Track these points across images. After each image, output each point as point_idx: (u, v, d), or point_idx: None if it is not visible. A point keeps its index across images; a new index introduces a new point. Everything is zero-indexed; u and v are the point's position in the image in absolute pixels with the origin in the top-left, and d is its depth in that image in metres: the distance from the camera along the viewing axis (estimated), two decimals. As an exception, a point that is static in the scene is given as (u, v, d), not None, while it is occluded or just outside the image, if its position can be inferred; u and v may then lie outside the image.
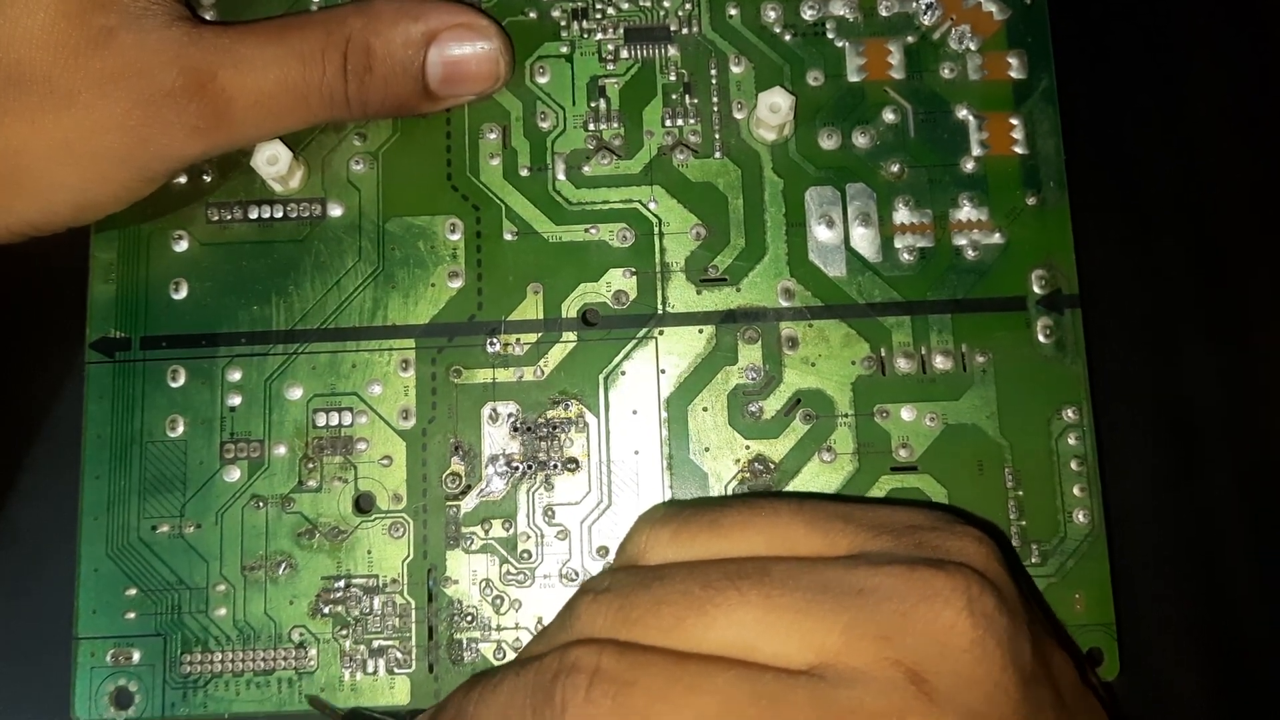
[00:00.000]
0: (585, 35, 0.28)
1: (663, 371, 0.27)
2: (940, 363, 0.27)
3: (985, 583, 0.19)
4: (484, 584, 0.26)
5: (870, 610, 0.19)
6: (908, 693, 0.18)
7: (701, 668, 0.19)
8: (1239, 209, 0.28)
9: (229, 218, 0.27)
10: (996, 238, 0.27)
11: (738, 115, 0.27)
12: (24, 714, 0.26)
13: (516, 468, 0.26)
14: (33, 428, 0.27)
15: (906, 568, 0.19)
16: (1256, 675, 0.26)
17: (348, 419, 0.26)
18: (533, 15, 0.28)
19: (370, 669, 0.25)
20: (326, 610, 0.26)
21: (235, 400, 0.26)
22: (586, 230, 0.27)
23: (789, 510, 0.21)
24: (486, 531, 0.26)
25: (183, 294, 0.27)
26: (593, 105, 0.28)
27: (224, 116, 0.25)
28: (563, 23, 0.28)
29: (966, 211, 0.27)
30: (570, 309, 0.27)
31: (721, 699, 0.18)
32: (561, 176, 0.27)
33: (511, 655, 0.25)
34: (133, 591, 0.25)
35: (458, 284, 0.27)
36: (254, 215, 0.27)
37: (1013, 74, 0.28)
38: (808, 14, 0.28)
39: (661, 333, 0.27)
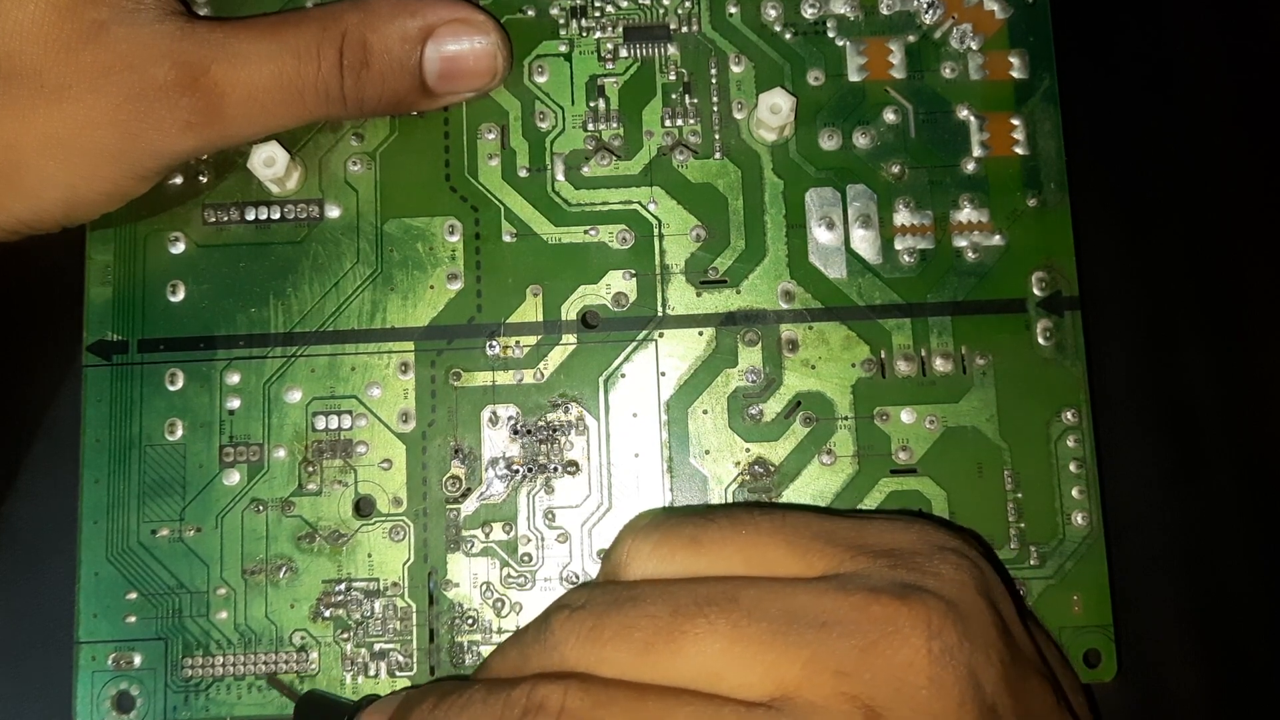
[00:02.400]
0: (584, 34, 0.28)
1: (663, 374, 0.27)
2: (940, 365, 0.26)
3: (950, 613, 0.19)
4: (485, 587, 0.26)
5: (831, 644, 0.19)
6: None
7: (662, 705, 0.19)
8: (1239, 211, 0.28)
9: (225, 219, 0.27)
10: (997, 239, 0.27)
11: (738, 115, 0.27)
12: (26, 718, 0.26)
13: (517, 471, 0.26)
14: (31, 431, 0.27)
15: (871, 598, 0.20)
16: (1254, 677, 0.27)
17: (347, 422, 0.26)
18: (531, 13, 0.28)
19: (372, 672, 0.25)
20: (327, 614, 0.26)
21: (234, 403, 0.26)
22: (586, 232, 0.27)
23: (770, 528, 0.21)
24: (487, 535, 0.26)
25: (180, 296, 0.27)
26: (592, 105, 0.27)
27: (217, 112, 0.24)
28: (561, 21, 0.28)
29: (967, 213, 0.27)
30: (570, 311, 0.27)
31: None
32: (560, 177, 0.27)
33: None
34: (133, 595, 0.25)
35: (457, 286, 0.27)
36: (250, 217, 0.27)
37: (1014, 74, 0.27)
38: (808, 12, 0.28)
39: (661, 335, 0.27)
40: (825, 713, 0.19)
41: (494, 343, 0.26)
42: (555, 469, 0.26)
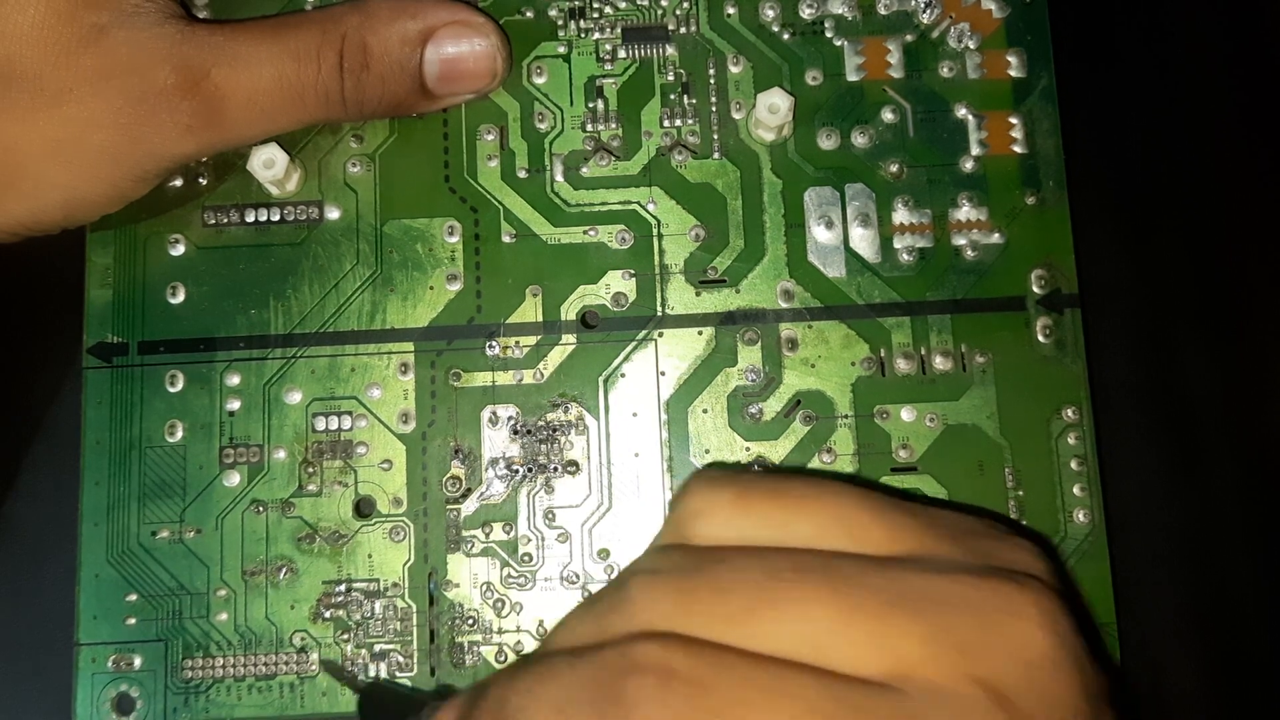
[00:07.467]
0: (582, 35, 0.28)
1: (662, 373, 0.27)
2: (940, 363, 0.26)
3: (1057, 598, 0.18)
4: (485, 587, 0.26)
5: (948, 620, 0.18)
6: (993, 714, 0.17)
7: (781, 671, 0.17)
8: (1238, 209, 0.28)
9: (225, 221, 0.27)
10: (996, 238, 0.27)
11: (736, 115, 0.27)
12: (26, 720, 0.26)
13: (517, 471, 0.26)
14: (31, 433, 0.27)
15: (979, 577, 0.18)
16: (1256, 674, 0.27)
17: (347, 423, 0.26)
18: (529, 14, 0.28)
19: (372, 673, 0.25)
20: (328, 614, 0.26)
21: (234, 405, 0.26)
22: (585, 232, 0.27)
23: (853, 495, 0.20)
24: (487, 535, 0.26)
25: (180, 298, 0.27)
26: (590, 106, 0.27)
27: (217, 115, 0.24)
28: (560, 22, 0.28)
29: (966, 211, 0.27)
30: (569, 311, 0.27)
31: (805, 705, 0.17)
32: (560, 178, 0.27)
33: (513, 658, 0.25)
34: (133, 597, 0.25)
35: (456, 287, 0.27)
36: (250, 219, 0.27)
37: (1012, 73, 0.28)
38: (806, 12, 0.28)
39: (661, 335, 0.27)
40: (952, 695, 0.17)
41: (494, 343, 0.26)
42: (555, 469, 0.26)
